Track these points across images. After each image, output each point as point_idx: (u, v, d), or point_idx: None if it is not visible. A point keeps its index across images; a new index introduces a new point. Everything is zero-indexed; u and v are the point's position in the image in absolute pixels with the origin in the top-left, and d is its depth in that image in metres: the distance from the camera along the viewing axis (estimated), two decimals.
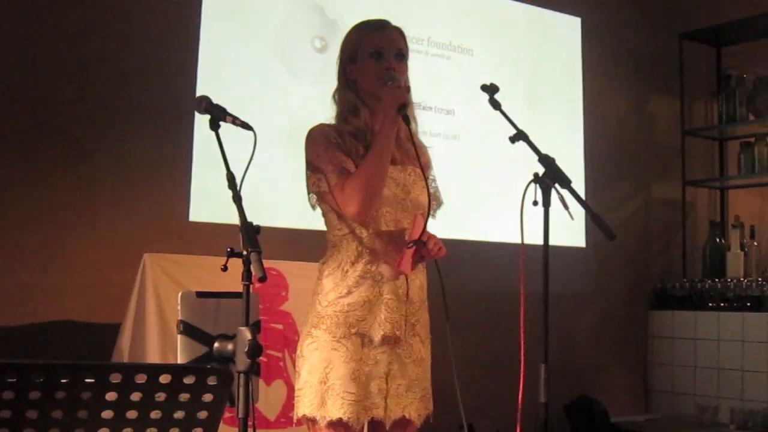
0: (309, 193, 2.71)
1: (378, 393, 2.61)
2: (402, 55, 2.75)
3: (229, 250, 2.23)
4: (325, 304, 2.63)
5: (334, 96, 2.79)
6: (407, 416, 2.65)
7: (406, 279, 2.66)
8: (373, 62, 2.70)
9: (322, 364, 2.58)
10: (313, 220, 2.82)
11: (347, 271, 2.63)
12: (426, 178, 2.71)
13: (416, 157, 2.66)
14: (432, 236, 2.63)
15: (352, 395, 2.55)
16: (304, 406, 2.59)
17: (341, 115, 2.74)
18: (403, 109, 2.59)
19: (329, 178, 2.61)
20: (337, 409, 2.54)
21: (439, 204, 2.82)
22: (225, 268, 2.22)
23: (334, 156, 2.63)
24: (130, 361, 3.52)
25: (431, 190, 2.71)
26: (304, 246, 3.95)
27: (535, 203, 2.53)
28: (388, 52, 2.71)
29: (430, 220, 2.63)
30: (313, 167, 2.66)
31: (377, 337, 2.61)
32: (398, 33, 2.78)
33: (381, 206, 2.63)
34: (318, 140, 2.67)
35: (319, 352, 2.60)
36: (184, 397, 1.67)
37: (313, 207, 2.74)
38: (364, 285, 2.62)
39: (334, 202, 2.63)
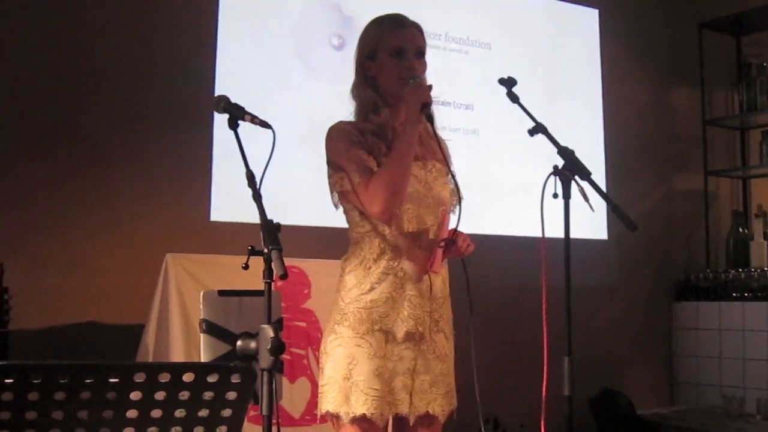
0: (332, 192, 2.71)
1: (402, 389, 2.61)
2: (421, 52, 2.75)
3: (250, 248, 2.23)
4: (347, 300, 2.64)
5: (352, 91, 2.78)
6: (431, 412, 2.65)
7: (429, 275, 2.66)
8: (393, 61, 2.70)
9: (345, 361, 2.58)
10: (334, 218, 2.82)
11: (370, 268, 2.63)
12: (453, 175, 2.69)
13: (437, 153, 2.69)
14: (461, 233, 2.63)
15: (376, 391, 2.56)
16: (327, 403, 2.60)
17: (361, 113, 2.73)
18: (426, 108, 2.59)
19: (352, 177, 2.60)
20: (360, 405, 2.54)
21: (459, 199, 2.81)
22: (246, 267, 2.22)
23: (356, 154, 2.62)
24: (154, 361, 3.54)
25: (451, 186, 2.72)
26: (325, 244, 3.95)
27: (555, 196, 2.52)
28: (408, 50, 2.71)
29: (451, 215, 2.64)
30: (335, 166, 2.65)
31: (400, 333, 2.61)
32: (417, 30, 2.77)
33: (403, 203, 2.63)
34: (339, 138, 2.67)
35: (342, 348, 2.60)
36: (208, 395, 1.67)
37: (336, 206, 2.74)
38: (386, 281, 2.62)
39: (357, 201, 2.62)
